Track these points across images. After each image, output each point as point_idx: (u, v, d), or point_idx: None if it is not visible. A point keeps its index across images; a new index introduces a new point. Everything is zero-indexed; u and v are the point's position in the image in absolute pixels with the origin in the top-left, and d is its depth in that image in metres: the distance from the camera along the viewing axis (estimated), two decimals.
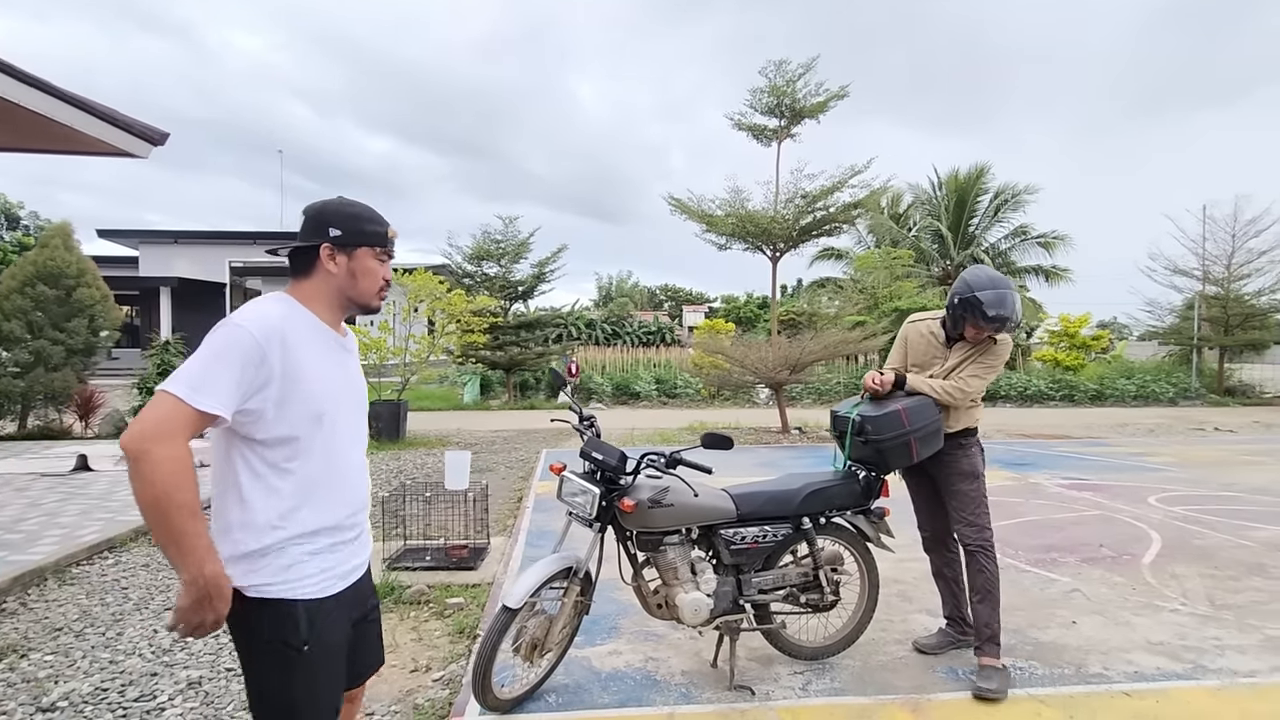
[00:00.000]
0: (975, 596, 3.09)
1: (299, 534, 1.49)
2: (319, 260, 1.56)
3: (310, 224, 1.58)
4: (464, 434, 11.23)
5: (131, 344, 26.07)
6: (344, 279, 1.58)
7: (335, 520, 1.55)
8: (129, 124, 5.95)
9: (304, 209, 1.61)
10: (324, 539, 1.53)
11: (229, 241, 25.68)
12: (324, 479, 1.52)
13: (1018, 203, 25.10)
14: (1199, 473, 8.12)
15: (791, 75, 12.14)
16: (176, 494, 1.29)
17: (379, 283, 1.62)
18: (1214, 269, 18.86)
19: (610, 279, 55.46)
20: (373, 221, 1.60)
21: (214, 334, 1.42)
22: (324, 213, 1.58)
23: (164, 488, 1.28)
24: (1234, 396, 18.22)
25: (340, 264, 1.56)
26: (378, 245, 1.60)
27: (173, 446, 1.30)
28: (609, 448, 2.71)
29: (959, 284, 3.03)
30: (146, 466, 1.28)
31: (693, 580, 2.86)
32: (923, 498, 3.36)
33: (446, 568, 4.39)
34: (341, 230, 1.55)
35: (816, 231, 12.76)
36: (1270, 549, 4.99)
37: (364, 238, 1.58)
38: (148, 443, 1.28)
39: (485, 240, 16.81)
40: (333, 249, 1.55)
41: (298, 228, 1.61)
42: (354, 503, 1.61)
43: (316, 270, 1.57)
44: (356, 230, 1.57)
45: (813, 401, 16.94)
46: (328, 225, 1.56)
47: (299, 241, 1.58)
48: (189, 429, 1.34)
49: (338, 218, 1.57)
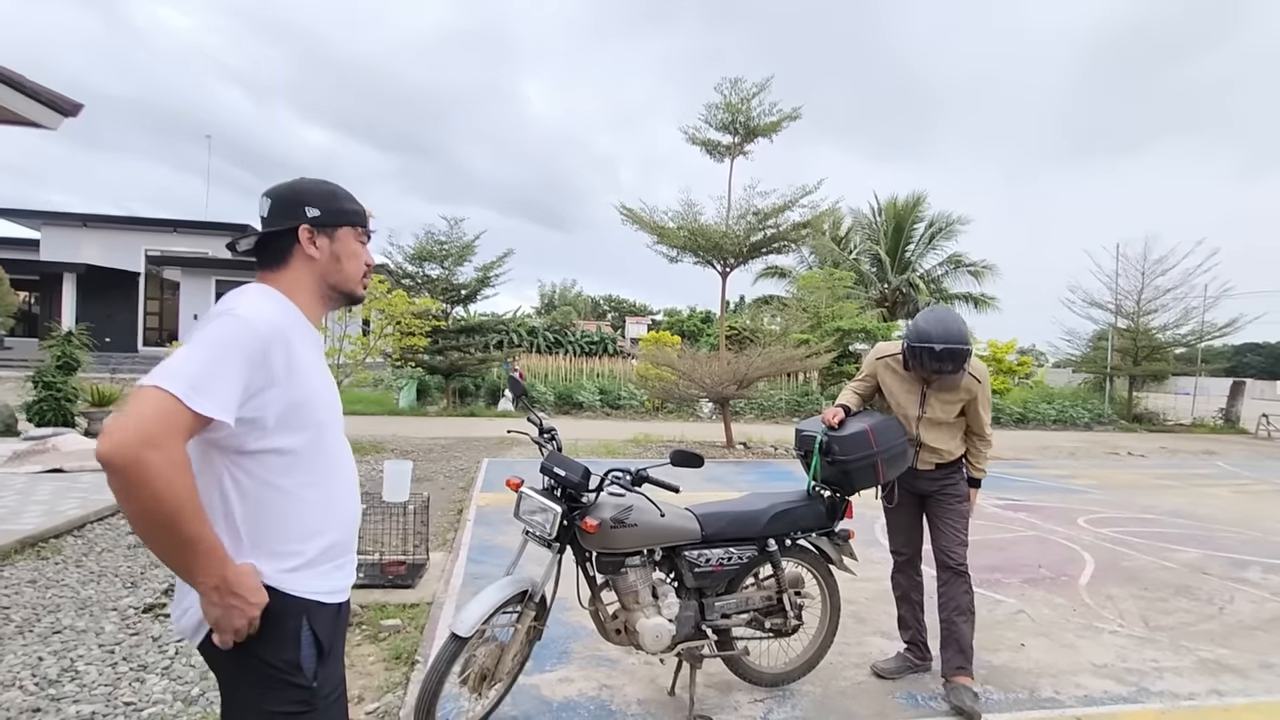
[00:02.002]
0: (961, 616, 3.07)
1: (301, 564, 1.31)
2: (297, 245, 1.39)
3: (281, 205, 1.39)
4: (400, 441, 10.74)
5: (28, 333, 24.03)
6: (327, 263, 1.41)
7: (336, 539, 1.39)
8: (35, 90, 5.40)
9: (267, 192, 1.42)
10: (326, 562, 1.36)
11: (145, 228, 24.02)
12: (326, 494, 1.36)
13: (950, 232, 26.33)
14: (1120, 495, 8.54)
15: (746, 94, 12.29)
16: (185, 501, 1.11)
17: (362, 266, 1.48)
18: (1126, 303, 20.19)
19: (554, 286, 54.99)
20: (350, 199, 1.46)
21: (212, 325, 1.22)
22: (297, 191, 1.41)
23: (171, 498, 1.09)
24: (1142, 423, 19.48)
25: (322, 247, 1.40)
26: (359, 225, 1.46)
27: (171, 450, 1.09)
28: (572, 463, 2.53)
29: (912, 329, 3.02)
30: (143, 476, 1.06)
31: (654, 604, 2.70)
32: (905, 517, 3.30)
33: (382, 585, 4.09)
34: (320, 210, 1.40)
35: (766, 249, 12.92)
36: (1193, 571, 5.24)
37: (344, 216, 1.43)
38: (142, 449, 1.06)
39: (428, 241, 16.28)
40: (312, 230, 1.39)
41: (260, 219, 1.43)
42: (354, 517, 1.47)
43: (294, 257, 1.40)
44: (336, 209, 1.42)
45: (755, 417, 17.10)
46: (303, 205, 1.39)
47: (271, 226, 1.38)
48: (186, 435, 1.13)
49: (314, 196, 1.40)
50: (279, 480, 1.28)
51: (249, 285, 1.36)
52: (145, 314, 23.71)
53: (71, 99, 5.75)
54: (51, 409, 9.11)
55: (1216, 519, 7.27)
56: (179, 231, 23.92)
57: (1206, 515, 7.45)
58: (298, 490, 1.31)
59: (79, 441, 7.67)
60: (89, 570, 4.32)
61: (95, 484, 6.30)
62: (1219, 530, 6.71)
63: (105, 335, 19.94)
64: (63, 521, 5.09)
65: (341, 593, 1.41)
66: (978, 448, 3.20)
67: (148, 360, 20.29)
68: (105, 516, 5.52)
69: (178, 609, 1.32)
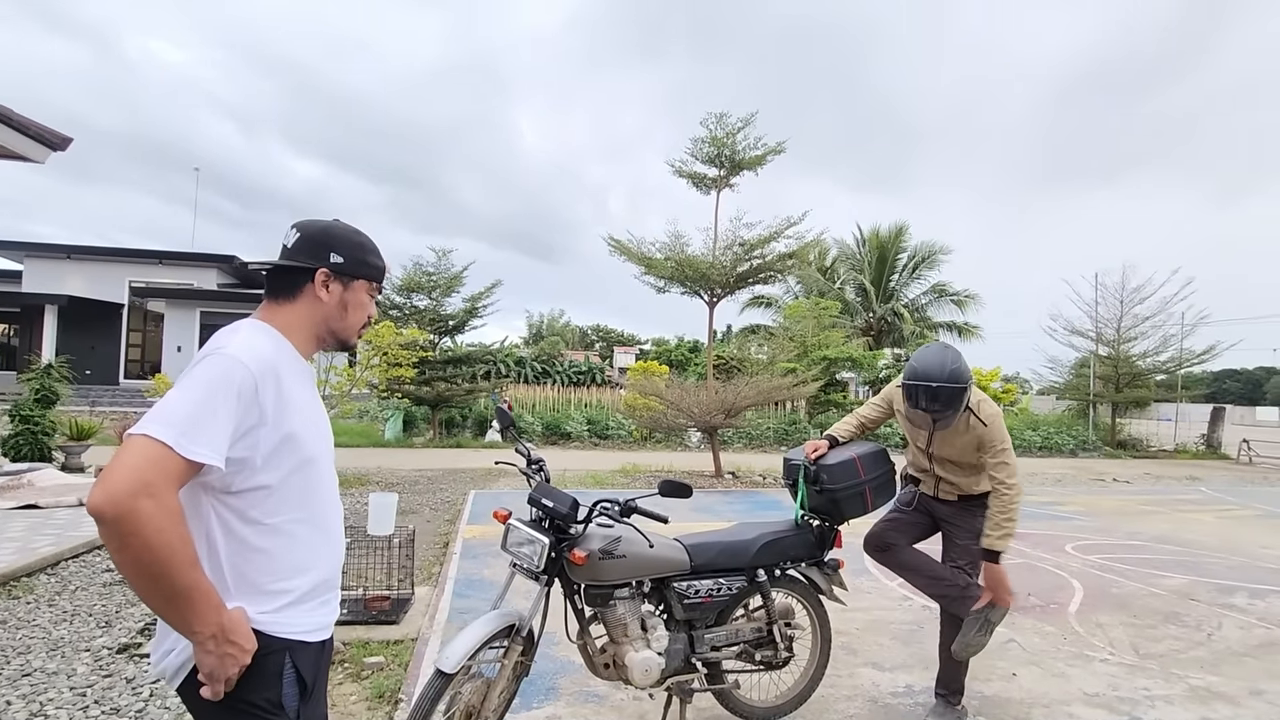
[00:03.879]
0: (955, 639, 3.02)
1: (289, 602, 1.30)
2: (309, 285, 1.39)
3: (308, 243, 1.40)
4: (385, 473, 10.61)
5: (6, 365, 23.63)
6: (333, 309, 1.42)
7: (324, 575, 1.38)
8: (24, 124, 5.42)
9: (298, 225, 1.43)
10: (314, 599, 1.35)
11: (130, 259, 23.84)
12: (315, 529, 1.35)
13: (933, 261, 26.80)
14: (1106, 521, 8.58)
15: (731, 128, 12.54)
16: (179, 550, 1.10)
17: (365, 318, 1.49)
18: (1106, 331, 20.53)
19: (542, 317, 55.11)
20: (376, 254, 1.48)
21: (202, 364, 1.21)
22: (329, 234, 1.42)
23: (164, 547, 1.07)
24: (1125, 449, 19.66)
25: (334, 293, 1.41)
26: (375, 280, 1.48)
27: (165, 499, 1.09)
28: (560, 494, 2.52)
29: (907, 366, 2.91)
30: (136, 526, 1.05)
31: (643, 637, 2.66)
32: (911, 520, 3.18)
33: (365, 622, 4.00)
34: (344, 258, 1.41)
35: (753, 279, 13.05)
36: (1180, 597, 5.25)
37: (365, 269, 1.45)
38: (135, 499, 1.05)
39: (416, 272, 16.33)
40: (329, 275, 1.40)
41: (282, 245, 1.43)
42: (341, 552, 1.46)
43: (302, 295, 1.40)
44: (360, 260, 1.43)
45: (744, 446, 17.08)
46: (330, 249, 1.40)
47: (293, 260, 1.39)
48: (178, 482, 1.12)
49: (343, 244, 1.42)
50: (268, 518, 1.27)
51: (242, 321, 1.35)
52: (128, 345, 23.42)
53: (60, 133, 5.77)
54: (28, 443, 8.94)
55: (1202, 544, 7.31)
56: (164, 263, 23.76)
57: (1192, 541, 7.49)
58: (287, 526, 1.29)
59: (55, 476, 7.52)
60: (62, 610, 4.19)
61: (71, 520, 6.16)
62: (1205, 556, 6.75)
63: (86, 367, 19.65)
64: (36, 559, 4.96)
65: (325, 630, 1.39)
66: (996, 497, 2.83)
67: (128, 393, 20.00)
68: (80, 553, 5.39)
69: (159, 650, 1.29)
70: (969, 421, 2.87)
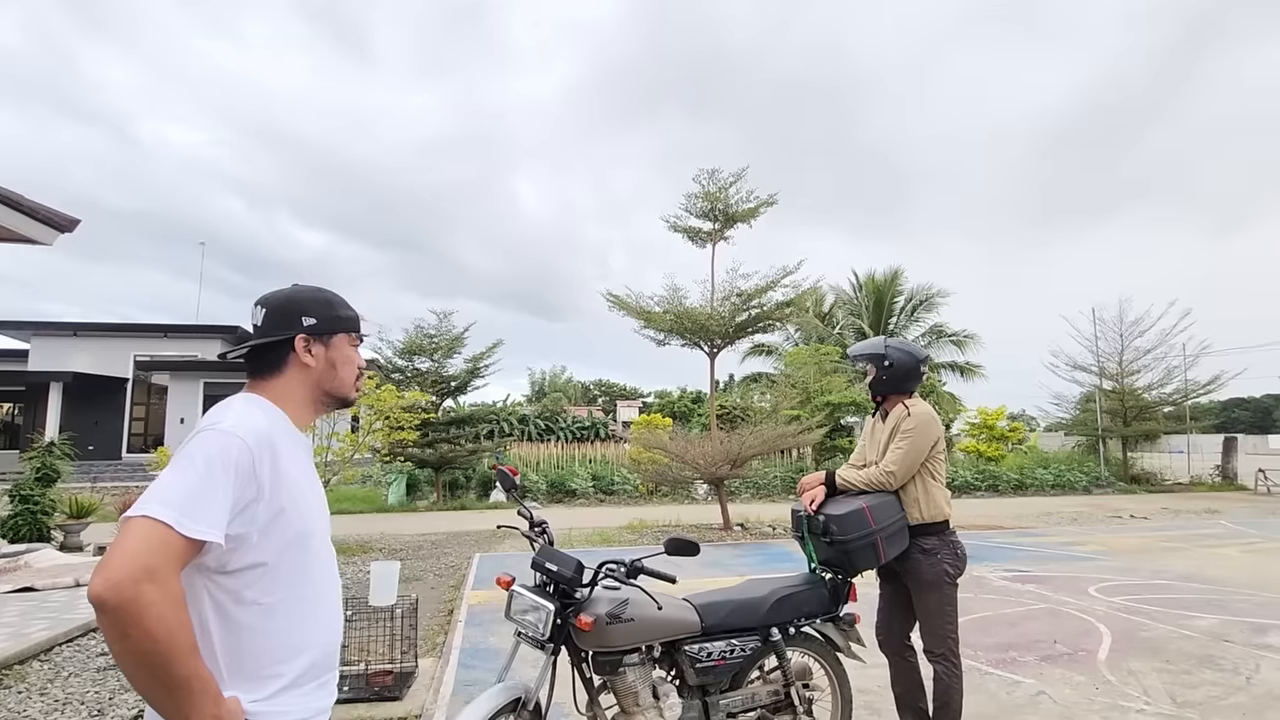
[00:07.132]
0: (936, 704, 2.92)
1: (283, 686, 1.24)
2: (292, 354, 1.39)
3: (277, 315, 1.40)
4: (389, 539, 10.42)
5: (9, 444, 23.59)
6: (323, 371, 1.42)
7: (321, 655, 1.32)
8: (33, 209, 5.56)
9: (261, 300, 1.43)
10: (310, 681, 1.29)
11: (135, 334, 24.08)
12: (310, 608, 1.31)
13: (931, 304, 26.95)
14: (1128, 560, 8.35)
15: (724, 183, 12.85)
16: (181, 637, 1.06)
17: (355, 370, 1.48)
18: (1109, 365, 20.50)
19: (544, 374, 55.14)
20: (345, 306, 1.48)
21: (198, 442, 1.19)
22: (294, 300, 1.42)
23: (165, 635, 1.03)
24: (1140, 484, 19.34)
25: (318, 354, 1.41)
26: (353, 331, 1.47)
27: (167, 584, 1.05)
28: (564, 556, 2.46)
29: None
30: (137, 613, 1.01)
31: (655, 706, 2.55)
32: (884, 598, 3.19)
33: (367, 699, 3.85)
34: (316, 318, 1.41)
35: (752, 328, 13.12)
36: (1215, 639, 5.05)
37: (340, 323, 1.45)
38: (136, 585, 1.02)
39: (417, 334, 16.46)
40: (308, 339, 1.39)
41: (252, 325, 1.43)
42: (338, 630, 1.40)
43: (289, 365, 1.40)
44: (331, 316, 1.43)
45: (751, 496, 16.82)
46: (300, 314, 1.40)
47: (266, 337, 1.39)
48: (181, 564, 1.09)
49: (310, 305, 1.42)
50: (264, 597, 1.23)
51: (235, 396, 1.35)
52: (131, 419, 23.42)
53: (68, 215, 5.91)
54: (27, 523, 8.83)
55: (1230, 581, 7.09)
56: (169, 336, 24.01)
57: (1218, 578, 7.27)
58: (282, 606, 1.25)
59: (53, 557, 7.40)
60: (53, 699, 4.05)
61: (66, 603, 6.01)
62: (1233, 593, 6.54)
63: (90, 443, 19.62)
64: (29, 645, 4.81)
65: (323, 714, 1.33)
66: (875, 470, 2.95)
67: (130, 467, 19.86)
68: (75, 638, 5.24)
69: None
70: (899, 413, 3.02)
